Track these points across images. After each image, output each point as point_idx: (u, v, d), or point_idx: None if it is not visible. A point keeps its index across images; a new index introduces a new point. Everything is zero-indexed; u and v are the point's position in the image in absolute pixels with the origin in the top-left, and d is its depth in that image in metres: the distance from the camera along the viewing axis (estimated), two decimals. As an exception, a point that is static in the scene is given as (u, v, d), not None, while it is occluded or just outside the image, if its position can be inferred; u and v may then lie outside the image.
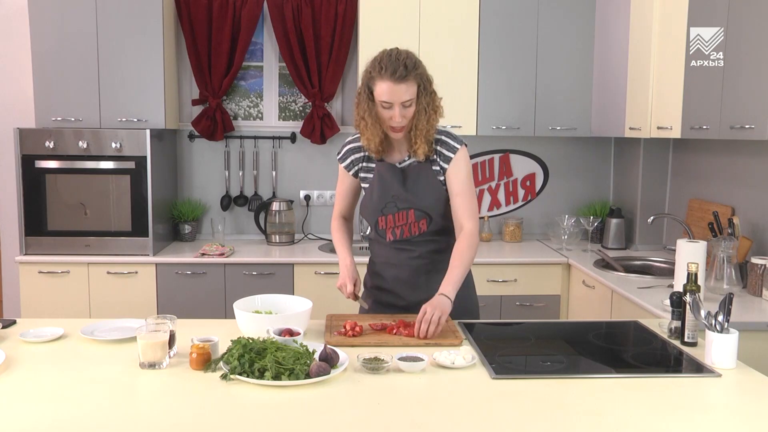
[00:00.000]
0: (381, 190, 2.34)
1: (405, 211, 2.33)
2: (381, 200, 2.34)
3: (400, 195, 2.32)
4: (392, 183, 2.32)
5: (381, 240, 2.40)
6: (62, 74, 3.70)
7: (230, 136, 4.21)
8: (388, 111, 2.20)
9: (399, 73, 2.15)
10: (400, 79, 2.15)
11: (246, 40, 4.02)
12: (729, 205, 3.28)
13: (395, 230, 2.35)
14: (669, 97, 3.23)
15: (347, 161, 2.41)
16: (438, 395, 1.72)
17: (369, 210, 2.38)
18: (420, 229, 2.34)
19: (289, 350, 1.78)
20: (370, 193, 2.37)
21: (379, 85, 2.17)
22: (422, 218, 2.33)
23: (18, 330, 2.14)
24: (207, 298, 3.67)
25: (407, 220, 2.34)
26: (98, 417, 1.56)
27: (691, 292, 2.03)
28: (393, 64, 2.16)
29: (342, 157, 2.42)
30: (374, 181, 2.36)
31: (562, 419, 1.58)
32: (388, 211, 2.34)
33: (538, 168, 4.39)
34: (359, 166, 2.40)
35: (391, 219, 2.34)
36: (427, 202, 2.32)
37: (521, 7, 3.92)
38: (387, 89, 2.16)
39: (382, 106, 2.19)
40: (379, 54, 2.23)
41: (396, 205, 2.33)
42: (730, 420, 1.61)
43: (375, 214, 2.36)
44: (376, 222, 2.37)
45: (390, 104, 2.18)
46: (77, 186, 3.66)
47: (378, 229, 2.38)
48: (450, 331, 2.16)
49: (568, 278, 3.76)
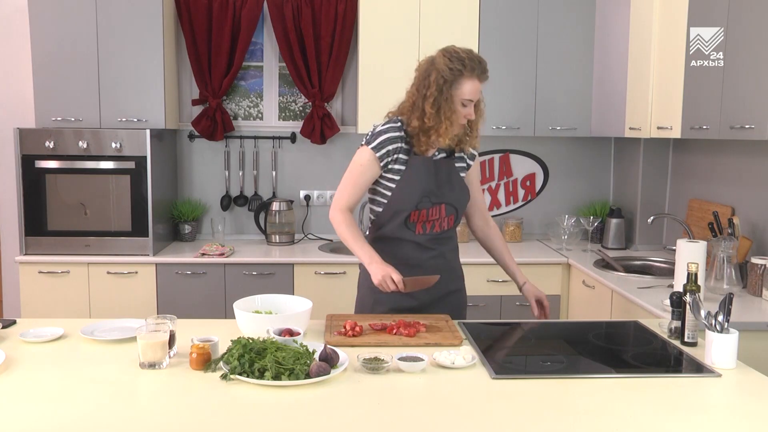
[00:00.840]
0: (417, 184, 2.31)
1: (438, 206, 2.35)
2: (417, 195, 2.31)
3: (434, 190, 2.33)
4: (428, 177, 2.32)
5: (408, 235, 2.34)
6: (62, 74, 3.70)
7: (230, 136, 4.21)
8: (465, 109, 2.26)
9: (486, 73, 2.27)
10: (485, 78, 2.27)
11: (246, 40, 4.01)
12: (729, 205, 3.27)
13: (426, 224, 2.35)
14: (669, 97, 3.23)
15: (383, 151, 2.29)
16: (438, 395, 1.72)
17: (401, 204, 2.32)
18: (449, 224, 2.40)
19: (289, 350, 1.78)
20: (404, 186, 2.31)
21: (467, 83, 2.23)
22: (451, 213, 2.39)
23: (18, 330, 2.14)
24: (207, 298, 3.67)
25: (439, 215, 2.36)
26: (98, 417, 1.56)
27: (691, 292, 2.03)
28: (480, 65, 2.25)
29: (378, 145, 2.30)
30: (409, 174, 2.31)
31: (562, 419, 1.58)
32: (423, 206, 2.32)
33: (538, 168, 4.39)
34: (393, 158, 2.31)
35: (425, 213, 2.33)
36: (457, 197, 2.39)
37: (521, 7, 3.92)
38: (474, 88, 2.24)
39: (462, 103, 2.24)
40: (456, 52, 2.25)
41: (430, 200, 2.33)
42: (730, 420, 1.61)
43: (409, 208, 2.32)
44: (407, 216, 2.32)
45: (471, 101, 2.25)
46: (77, 186, 3.66)
47: (408, 222, 2.33)
48: (450, 331, 2.16)
49: (568, 278, 3.76)
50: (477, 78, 2.24)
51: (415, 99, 2.29)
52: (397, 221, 2.34)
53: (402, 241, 2.36)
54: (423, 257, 2.36)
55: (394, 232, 2.36)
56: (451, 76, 2.22)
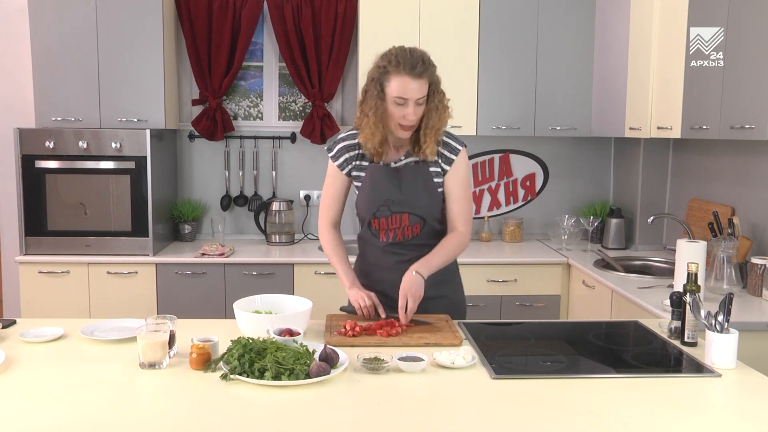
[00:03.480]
0: (373, 193, 2.28)
1: (399, 215, 2.29)
2: (373, 204, 2.29)
3: (394, 198, 2.27)
4: (386, 186, 2.27)
5: (374, 240, 2.36)
6: (62, 74, 3.70)
7: (230, 136, 4.21)
8: (401, 108, 2.14)
9: (418, 68, 2.10)
10: (418, 74, 2.10)
11: (246, 40, 4.01)
12: (729, 205, 3.27)
13: (388, 232, 2.32)
14: (669, 97, 3.23)
15: (341, 160, 2.32)
16: (438, 395, 1.72)
17: (362, 211, 2.35)
18: (413, 232, 2.31)
19: (289, 350, 1.78)
20: (363, 194, 2.32)
21: (396, 80, 2.11)
22: (416, 222, 2.30)
23: (18, 330, 2.14)
24: (207, 298, 3.67)
25: (401, 224, 2.30)
26: (98, 417, 1.56)
27: (691, 292, 2.03)
28: (410, 60, 2.11)
29: (335, 155, 2.32)
30: (366, 182, 2.30)
31: (562, 419, 1.58)
32: (380, 215, 2.29)
33: (538, 168, 4.39)
34: (353, 165, 2.32)
35: (384, 222, 2.31)
36: (423, 205, 2.28)
37: (521, 7, 3.92)
38: (404, 85, 2.11)
39: (395, 102, 2.13)
40: (391, 49, 2.17)
41: (389, 209, 2.28)
42: (730, 420, 1.61)
43: (367, 216, 2.32)
44: (369, 223, 2.34)
45: (405, 101, 2.12)
46: (77, 186, 3.66)
47: (372, 229, 2.34)
48: (450, 331, 2.16)
49: (568, 278, 3.76)
50: (406, 74, 2.09)
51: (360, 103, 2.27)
52: (363, 227, 2.38)
53: (372, 246, 2.37)
54: (392, 261, 2.32)
55: (364, 235, 2.39)
56: (378, 73, 2.15)
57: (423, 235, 2.32)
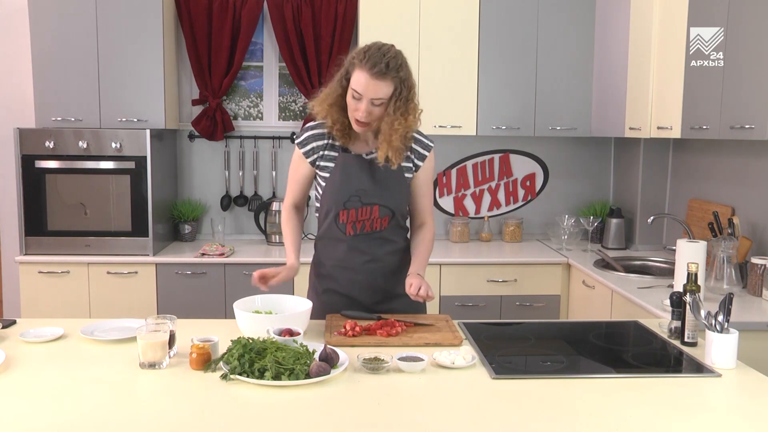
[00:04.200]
0: (345, 182, 2.25)
1: (370, 206, 2.26)
2: (344, 193, 2.25)
3: (367, 189, 2.25)
4: (358, 176, 2.25)
5: (338, 235, 2.30)
6: (62, 74, 3.70)
7: (230, 136, 4.21)
8: (356, 102, 2.15)
9: (378, 68, 2.09)
10: (378, 75, 2.09)
11: (246, 40, 4.02)
12: (729, 205, 3.27)
13: (356, 224, 2.28)
14: (669, 97, 3.23)
15: (307, 147, 2.29)
16: (438, 395, 1.72)
17: (329, 202, 2.28)
18: (382, 225, 2.30)
19: (289, 350, 1.78)
20: (332, 184, 2.26)
21: (357, 74, 2.13)
22: (386, 215, 2.29)
23: (18, 330, 2.14)
24: (207, 298, 3.67)
25: (371, 216, 2.28)
26: (98, 417, 1.56)
27: (691, 292, 2.03)
28: (376, 58, 2.11)
29: (302, 142, 2.30)
30: (336, 172, 2.26)
31: (562, 419, 1.58)
32: (351, 206, 2.26)
33: (538, 168, 4.39)
34: (320, 155, 2.28)
35: (354, 213, 2.26)
36: (395, 198, 2.29)
37: (521, 7, 3.92)
38: (362, 80, 2.11)
39: (352, 95, 2.15)
40: (370, 43, 2.18)
41: (360, 200, 2.25)
42: (730, 420, 1.61)
43: (336, 208, 2.27)
44: (336, 215, 2.28)
45: (360, 96, 2.13)
46: (77, 186, 3.66)
47: (338, 222, 2.28)
48: (450, 331, 2.16)
49: (568, 278, 3.76)
50: (367, 71, 2.09)
51: None
52: (328, 221, 2.32)
53: (336, 242, 2.32)
54: (358, 261, 2.30)
55: (328, 232, 2.34)
56: (348, 64, 2.18)
57: (389, 229, 2.31)
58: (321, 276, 2.40)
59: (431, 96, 3.88)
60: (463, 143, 4.27)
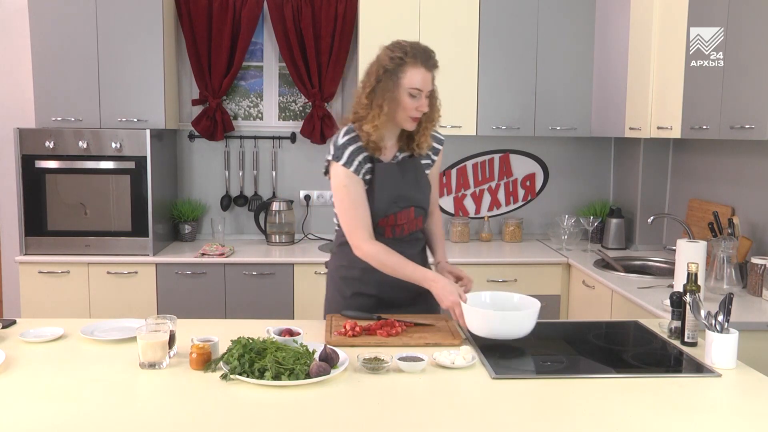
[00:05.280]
0: (385, 191, 2.25)
1: (407, 209, 2.30)
2: (384, 202, 2.26)
3: (402, 193, 2.28)
4: (393, 182, 2.27)
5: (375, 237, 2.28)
6: (62, 74, 3.70)
7: (230, 136, 4.21)
8: (414, 100, 2.15)
9: (432, 61, 2.16)
10: (431, 67, 2.16)
11: (246, 40, 4.02)
12: (729, 205, 3.27)
13: (395, 228, 2.31)
14: (669, 97, 3.23)
15: (355, 164, 2.20)
16: (438, 395, 1.72)
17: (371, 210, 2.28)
18: (417, 226, 2.36)
19: (289, 350, 1.78)
20: (372, 194, 2.25)
21: (412, 71, 2.13)
22: (420, 215, 2.35)
23: (18, 330, 2.14)
24: (207, 298, 3.67)
25: (408, 218, 2.32)
26: (98, 417, 1.56)
27: (691, 292, 2.03)
28: (422, 52, 2.15)
29: (348, 161, 2.19)
30: (375, 182, 2.25)
31: (562, 419, 1.58)
32: (391, 211, 2.28)
33: (538, 168, 4.39)
34: (364, 168, 2.23)
35: (393, 218, 2.29)
36: (425, 196, 2.35)
37: (521, 7, 3.92)
38: (420, 76, 2.14)
39: (410, 94, 2.14)
40: (400, 41, 2.18)
41: (398, 205, 2.28)
42: (730, 420, 1.61)
43: (377, 216, 2.26)
44: (376, 223, 2.28)
45: (419, 92, 2.15)
46: (77, 186, 3.66)
47: (377, 227, 2.28)
48: (450, 331, 2.16)
49: (568, 278, 3.76)
50: (422, 66, 2.13)
51: (359, 96, 2.23)
52: None
53: None
54: None
55: None
56: (393, 64, 2.13)
57: (420, 228, 2.39)
58: (348, 279, 2.35)
59: (431, 96, 3.89)
60: (463, 143, 4.27)
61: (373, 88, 2.16)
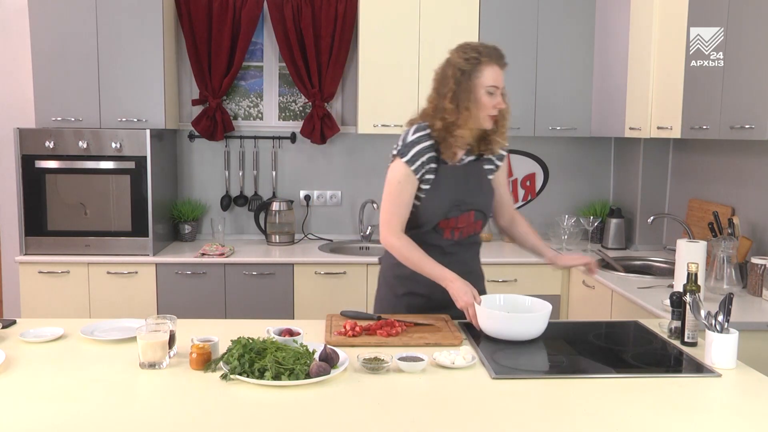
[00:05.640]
0: (445, 194, 2.25)
1: (467, 213, 2.31)
2: (445, 205, 2.26)
3: (464, 197, 2.28)
4: (457, 185, 2.27)
5: (434, 239, 2.30)
6: (62, 74, 3.70)
7: (230, 136, 4.21)
8: (492, 98, 2.18)
9: (504, 59, 2.21)
10: (504, 65, 2.21)
11: (246, 40, 4.02)
12: (729, 205, 3.27)
13: (454, 231, 2.32)
14: (669, 97, 3.23)
15: (418, 163, 2.21)
16: (438, 395, 1.72)
17: (429, 215, 2.27)
18: (476, 229, 2.38)
19: (289, 350, 1.78)
20: (433, 197, 2.25)
21: (489, 69, 2.17)
22: (479, 219, 2.36)
23: (18, 330, 2.14)
24: (207, 298, 3.67)
25: (468, 222, 2.33)
26: (98, 417, 1.56)
27: (691, 292, 2.03)
28: (496, 50, 2.20)
29: (412, 158, 2.21)
30: (438, 183, 2.25)
31: (562, 419, 1.58)
32: (452, 215, 2.28)
33: (538, 168, 4.39)
34: (427, 168, 2.23)
35: (454, 221, 2.30)
36: (487, 201, 2.37)
37: (521, 7, 3.92)
38: (496, 74, 2.18)
39: (487, 92, 2.17)
40: (468, 43, 2.23)
41: (459, 208, 2.29)
42: (730, 420, 1.61)
43: (437, 218, 2.27)
44: (436, 224, 2.29)
45: (496, 89, 2.18)
46: (77, 186, 3.66)
47: (437, 228, 2.30)
48: (450, 331, 2.16)
49: (568, 278, 3.76)
50: (496, 64, 2.18)
51: (435, 102, 2.23)
52: (424, 229, 2.30)
53: (426, 248, 2.26)
54: (443, 262, 2.25)
55: (419, 237, 2.28)
56: (469, 66, 2.17)
57: (479, 231, 2.41)
58: (402, 278, 2.35)
59: (431, 96, 3.89)
60: (463, 143, 4.26)
61: (454, 92, 2.18)
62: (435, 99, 2.25)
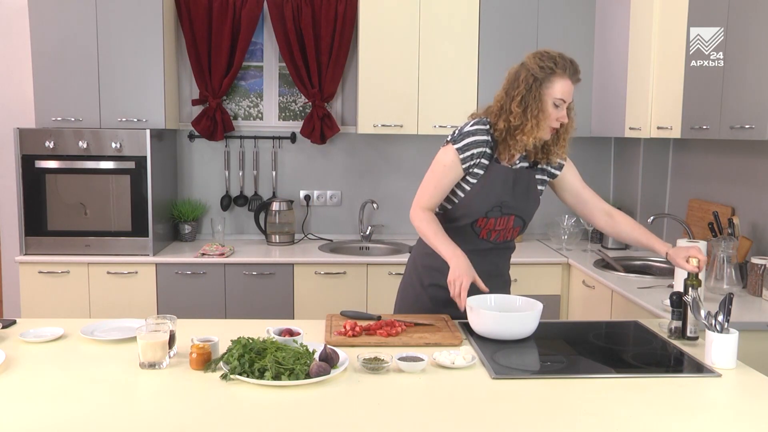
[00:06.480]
0: (492, 191, 2.25)
1: (507, 217, 2.30)
2: (489, 202, 2.26)
3: (507, 200, 2.27)
4: (503, 186, 2.26)
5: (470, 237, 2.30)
6: (62, 74, 3.70)
7: (230, 136, 4.21)
8: (557, 110, 2.18)
9: (578, 74, 2.20)
10: (577, 80, 2.20)
11: (246, 40, 4.02)
12: (729, 205, 3.27)
13: (491, 233, 2.32)
14: (669, 97, 3.23)
15: (467, 153, 2.22)
16: (438, 395, 1.72)
17: (470, 209, 2.28)
18: (512, 235, 2.38)
19: (289, 350, 1.78)
20: (478, 193, 2.26)
21: (560, 82, 2.17)
22: (518, 225, 2.35)
23: (18, 330, 2.14)
24: (207, 298, 3.67)
25: (506, 226, 2.32)
26: (98, 417, 1.56)
27: (693, 287, 2.03)
28: (572, 65, 2.20)
29: (463, 147, 2.21)
30: (485, 180, 2.25)
31: (562, 419, 1.58)
32: (492, 215, 2.28)
33: (538, 168, 4.38)
34: (475, 162, 2.23)
35: (492, 222, 2.29)
36: (530, 210, 2.35)
37: (521, 7, 3.92)
38: (567, 88, 2.18)
39: (554, 103, 2.17)
40: (547, 51, 2.23)
41: (501, 210, 2.28)
42: (730, 420, 1.61)
43: (477, 214, 2.27)
44: (474, 221, 2.29)
45: (563, 102, 2.17)
46: (77, 186, 3.66)
47: (474, 226, 2.30)
48: (450, 331, 2.16)
49: (568, 278, 3.76)
50: (569, 78, 2.18)
51: (502, 102, 2.23)
52: (461, 223, 2.30)
53: (460, 242, 2.25)
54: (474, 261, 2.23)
55: (454, 232, 2.29)
56: (542, 74, 2.17)
57: (516, 238, 2.41)
58: (430, 269, 2.37)
59: (431, 96, 3.89)
60: (463, 143, 4.26)
61: (523, 96, 2.18)
62: (502, 98, 2.25)
